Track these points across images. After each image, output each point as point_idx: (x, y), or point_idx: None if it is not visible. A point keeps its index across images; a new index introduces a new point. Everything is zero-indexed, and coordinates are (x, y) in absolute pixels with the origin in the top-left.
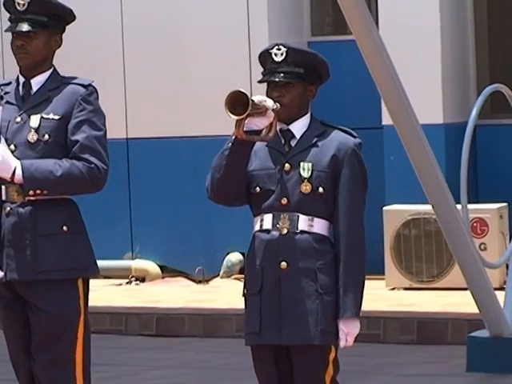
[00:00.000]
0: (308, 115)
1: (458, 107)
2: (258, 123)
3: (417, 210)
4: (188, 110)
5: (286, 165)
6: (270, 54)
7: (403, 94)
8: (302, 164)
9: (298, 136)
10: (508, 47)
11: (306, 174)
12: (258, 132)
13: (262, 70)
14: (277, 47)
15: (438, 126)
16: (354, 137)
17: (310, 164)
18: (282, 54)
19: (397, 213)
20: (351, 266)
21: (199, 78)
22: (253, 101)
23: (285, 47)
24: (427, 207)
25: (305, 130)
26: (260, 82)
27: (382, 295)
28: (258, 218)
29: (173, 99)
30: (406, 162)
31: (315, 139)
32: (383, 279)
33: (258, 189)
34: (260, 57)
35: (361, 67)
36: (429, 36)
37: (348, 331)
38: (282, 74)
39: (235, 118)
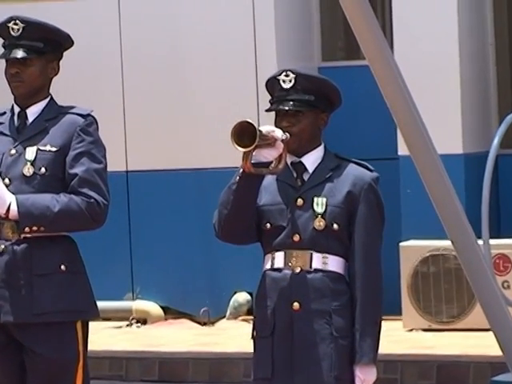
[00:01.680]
0: (321, 147)
1: (478, 136)
2: (266, 155)
3: (435, 246)
4: (191, 140)
5: (299, 200)
6: (278, 80)
7: (420, 122)
8: (315, 199)
9: (310, 169)
10: None
11: (319, 209)
12: (267, 164)
13: (269, 97)
14: (285, 73)
15: (458, 156)
16: (371, 170)
17: (324, 199)
18: (290, 81)
19: (414, 249)
20: (368, 308)
21: (203, 107)
22: (260, 131)
23: (293, 73)
24: (446, 243)
25: (318, 163)
26: (268, 110)
27: (399, 337)
28: (269, 256)
29: (175, 129)
30: (424, 195)
31: (329, 173)
32: (400, 320)
33: (268, 225)
34: (267, 84)
35: (375, 94)
36: (447, 61)
37: (365, 378)
38: (291, 102)
39: (242, 150)
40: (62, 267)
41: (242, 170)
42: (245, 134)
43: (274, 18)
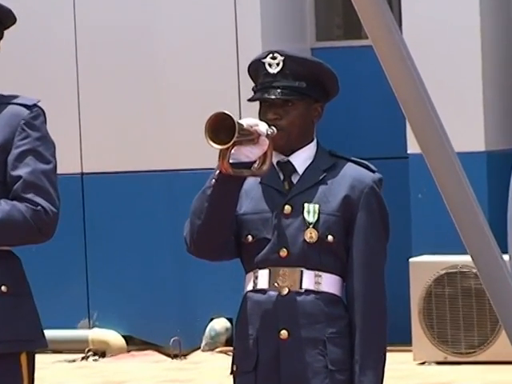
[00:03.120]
0: (313, 144)
1: (503, 131)
2: (248, 153)
3: (452, 262)
4: (159, 137)
5: (286, 207)
6: (263, 64)
7: (434, 114)
8: (306, 206)
9: (300, 170)
10: None
11: (311, 218)
12: (249, 165)
13: (252, 85)
14: (271, 55)
15: (479, 155)
16: (373, 171)
17: (317, 206)
18: (277, 64)
19: (427, 266)
20: (370, 336)
21: (173, 97)
22: (241, 125)
23: (281, 55)
24: (465, 258)
25: (309, 162)
26: (251, 100)
27: (408, 371)
28: (251, 275)
29: (139, 124)
30: (438, 201)
31: (323, 175)
32: (410, 351)
33: (250, 237)
34: (250, 68)
35: (379, 80)
36: (466, 44)
37: None
38: (278, 90)
39: (218, 147)
40: (3, 288)
41: (218, 172)
42: (222, 128)
43: None
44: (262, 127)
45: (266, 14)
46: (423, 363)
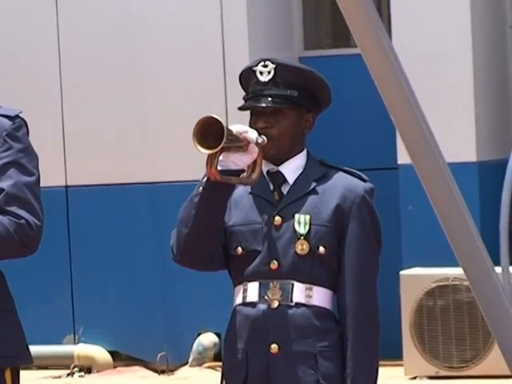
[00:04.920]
0: (303, 153)
1: (495, 141)
2: (236, 161)
3: (443, 275)
4: (144, 149)
5: (277, 218)
6: (254, 72)
7: (425, 124)
8: (296, 217)
9: (291, 180)
10: None
11: (302, 229)
12: (238, 173)
13: (240, 96)
14: (262, 63)
15: (471, 165)
16: (364, 180)
17: (308, 217)
18: (269, 73)
19: (418, 278)
20: (361, 350)
21: (157, 107)
22: (230, 130)
23: (273, 63)
24: (457, 271)
25: (300, 172)
26: (241, 108)
27: None
28: (241, 288)
29: (124, 136)
30: (429, 212)
31: (313, 184)
32: (401, 365)
33: (239, 249)
34: (241, 76)
35: (368, 89)
36: (457, 51)
37: None
38: (269, 98)
39: (206, 151)
40: None
41: (206, 179)
42: (210, 132)
43: None
44: (252, 134)
45: (252, 23)
46: (414, 378)
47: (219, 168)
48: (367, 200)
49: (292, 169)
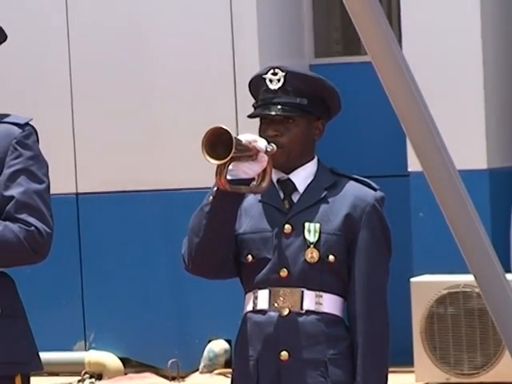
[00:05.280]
0: (314, 161)
1: (506, 148)
2: (246, 169)
3: (454, 282)
4: (155, 156)
5: (287, 226)
6: (264, 80)
7: (435, 131)
8: (306, 225)
9: (301, 189)
10: None
11: (312, 237)
12: (248, 182)
13: (250, 103)
14: (272, 71)
15: (482, 173)
16: (374, 189)
17: (318, 225)
18: (278, 80)
19: (428, 285)
20: (372, 357)
21: (168, 115)
22: (239, 140)
23: (282, 71)
24: (468, 278)
25: (310, 180)
26: (251, 116)
27: None
28: (251, 295)
29: (135, 142)
30: (440, 219)
31: (324, 193)
32: (412, 372)
33: (250, 257)
34: (251, 84)
35: (379, 97)
36: (468, 57)
37: None
38: (279, 106)
39: (215, 162)
40: None
41: (216, 189)
42: (219, 143)
43: (256, 6)
44: (261, 143)
45: (263, 31)
46: None
47: (229, 177)
48: (377, 209)
49: (302, 177)
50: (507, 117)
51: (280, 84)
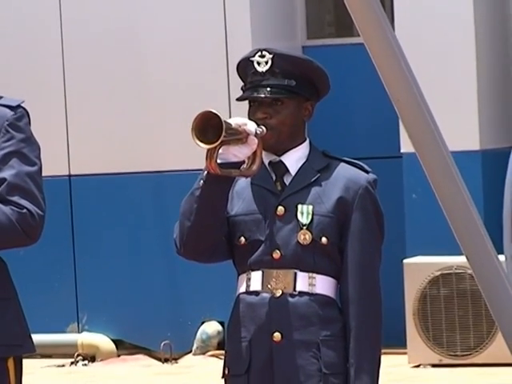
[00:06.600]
0: (306, 144)
1: (498, 130)
2: (236, 153)
3: (447, 264)
4: (147, 138)
5: (279, 208)
6: (252, 62)
7: (428, 113)
8: (299, 207)
9: (293, 171)
10: None
11: (304, 219)
12: (238, 165)
13: (241, 84)
14: (260, 53)
15: (474, 154)
16: (367, 172)
17: (310, 207)
18: (266, 63)
19: (421, 267)
20: (365, 339)
21: (161, 97)
22: (228, 124)
23: (270, 53)
24: (460, 259)
25: (302, 162)
26: (239, 99)
27: (403, 374)
28: (244, 277)
29: (127, 125)
30: (432, 201)
31: (316, 175)
32: (405, 353)
33: (242, 239)
34: (238, 67)
35: (371, 78)
36: (460, 40)
37: None
38: (267, 89)
39: (205, 146)
40: None
41: (206, 172)
42: (209, 127)
43: None
44: (251, 126)
45: (255, 12)
46: (418, 366)
47: (219, 161)
48: (370, 191)
49: (294, 159)
50: (500, 98)
51: (268, 66)
